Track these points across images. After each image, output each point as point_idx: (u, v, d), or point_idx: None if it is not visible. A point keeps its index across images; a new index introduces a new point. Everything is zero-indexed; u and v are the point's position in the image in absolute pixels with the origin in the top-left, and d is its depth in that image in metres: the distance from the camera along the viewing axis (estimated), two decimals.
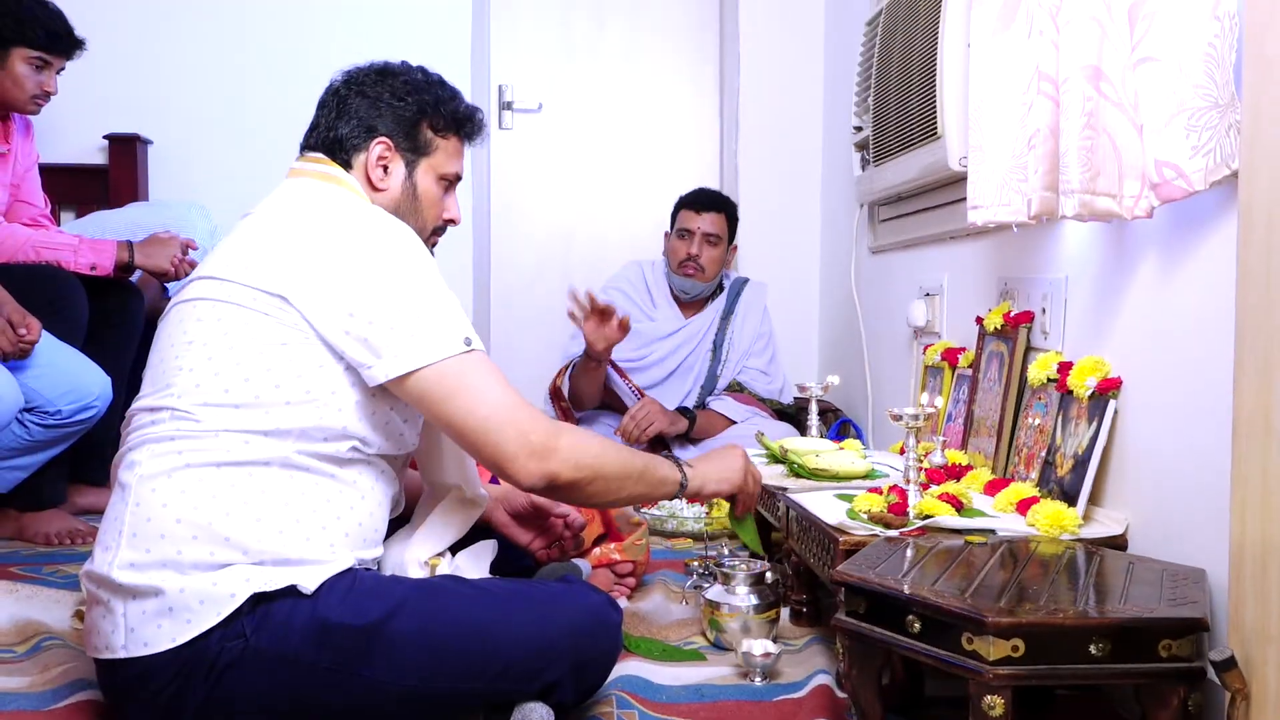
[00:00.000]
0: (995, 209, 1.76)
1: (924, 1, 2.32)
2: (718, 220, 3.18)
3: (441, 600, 1.34)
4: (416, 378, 1.33)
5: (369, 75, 1.55)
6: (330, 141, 1.52)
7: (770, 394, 3.21)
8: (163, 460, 1.30)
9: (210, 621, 1.25)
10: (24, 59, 2.51)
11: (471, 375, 1.35)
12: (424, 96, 1.55)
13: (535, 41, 3.72)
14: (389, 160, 1.53)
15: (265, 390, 1.32)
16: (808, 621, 1.87)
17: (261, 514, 1.29)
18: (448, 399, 1.34)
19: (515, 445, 1.34)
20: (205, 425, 1.31)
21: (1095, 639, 1.20)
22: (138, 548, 1.27)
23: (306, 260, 1.35)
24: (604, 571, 2.02)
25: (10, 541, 2.44)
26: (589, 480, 1.41)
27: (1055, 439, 1.73)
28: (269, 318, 1.33)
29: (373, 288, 1.34)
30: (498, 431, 1.34)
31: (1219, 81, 1.32)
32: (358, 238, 1.38)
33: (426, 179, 1.56)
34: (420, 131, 1.55)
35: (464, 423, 1.35)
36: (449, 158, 1.58)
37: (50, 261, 2.50)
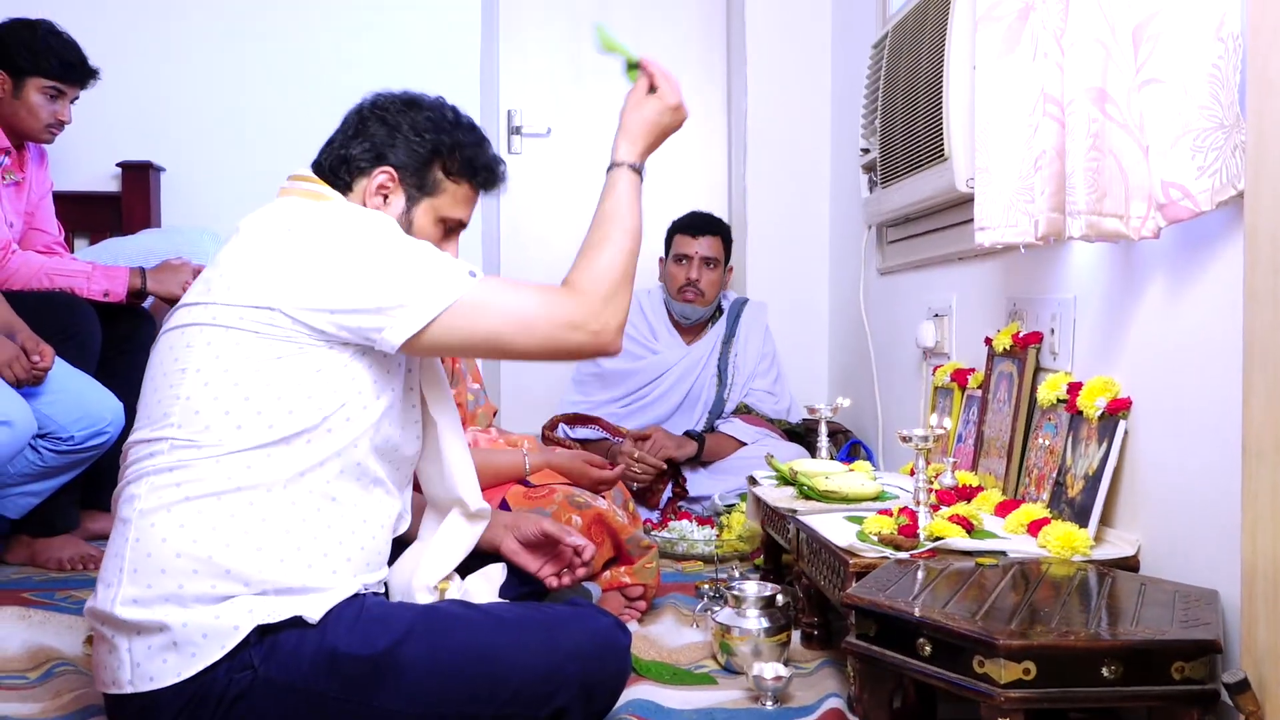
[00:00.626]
0: (1003, 230, 1.76)
1: (929, 25, 2.33)
2: (714, 243, 3.17)
3: (449, 627, 1.34)
4: (440, 325, 1.33)
5: (395, 103, 1.54)
6: (338, 160, 1.52)
7: (778, 414, 3.20)
8: (161, 493, 1.29)
9: (215, 655, 1.25)
10: (39, 88, 2.54)
11: (500, 294, 1.39)
12: (443, 136, 1.53)
13: (544, 66, 3.74)
14: (390, 191, 1.52)
15: (267, 404, 1.31)
16: (819, 644, 1.87)
17: (262, 543, 1.29)
18: (487, 331, 1.37)
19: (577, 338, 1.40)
20: (207, 450, 1.30)
21: (1107, 661, 1.20)
22: (139, 583, 1.27)
23: (286, 263, 1.34)
24: (614, 594, 2.02)
25: (23, 567, 2.45)
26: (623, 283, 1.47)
27: (1066, 460, 1.73)
28: (259, 335, 1.32)
29: (359, 260, 1.34)
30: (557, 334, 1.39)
31: (1224, 102, 1.32)
32: (329, 224, 1.38)
33: (425, 218, 1.54)
34: (430, 170, 1.53)
35: (517, 342, 1.38)
36: (455, 203, 1.56)
37: (64, 288, 2.52)
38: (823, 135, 3.73)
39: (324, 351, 1.34)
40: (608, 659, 1.39)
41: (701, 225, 3.19)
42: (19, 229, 2.64)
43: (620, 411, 3.15)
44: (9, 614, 1.94)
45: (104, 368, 2.48)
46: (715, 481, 2.96)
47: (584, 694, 1.35)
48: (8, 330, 2.21)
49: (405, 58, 3.53)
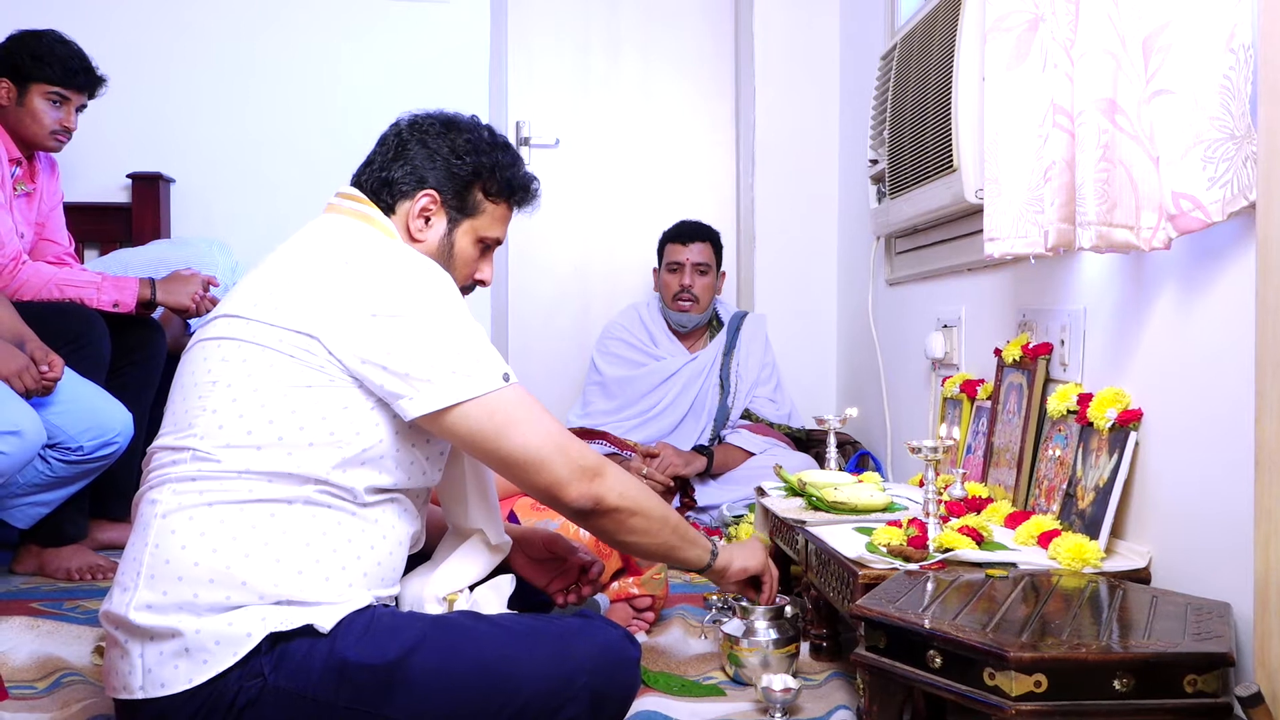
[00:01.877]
0: (1012, 241, 1.76)
1: (938, 36, 2.33)
2: (705, 249, 3.23)
3: (459, 637, 1.34)
4: (458, 413, 1.34)
5: (434, 125, 1.54)
6: (380, 182, 1.52)
7: (780, 419, 3.22)
8: (183, 500, 1.30)
9: (227, 662, 1.25)
10: (42, 94, 2.56)
11: (518, 409, 1.37)
12: (483, 159, 1.54)
13: (552, 78, 3.75)
14: (432, 213, 1.52)
15: (289, 432, 1.31)
16: (828, 656, 1.86)
17: (281, 554, 1.29)
18: (499, 433, 1.36)
19: (567, 470, 1.38)
20: (227, 466, 1.31)
21: (1119, 674, 1.19)
22: (155, 589, 1.27)
23: (336, 297, 1.34)
24: (622, 606, 2.02)
25: (31, 577, 2.46)
26: (631, 512, 1.44)
27: (1076, 471, 1.72)
28: (294, 359, 1.32)
29: (407, 322, 1.34)
30: (550, 460, 1.38)
31: (1235, 113, 1.32)
32: (390, 273, 1.37)
33: (465, 239, 1.55)
34: (471, 193, 1.54)
35: (518, 454, 1.37)
36: (494, 222, 1.58)
37: (74, 299, 2.53)
38: (831, 146, 3.73)
39: (353, 391, 1.34)
40: (618, 671, 1.38)
41: (691, 233, 3.24)
42: (29, 240, 2.65)
43: (627, 424, 3.15)
44: (17, 624, 1.94)
45: (113, 378, 2.49)
46: (724, 492, 2.96)
47: (594, 706, 1.35)
48: (17, 340, 2.21)
49: (415, 70, 3.54)
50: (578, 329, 3.71)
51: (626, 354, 3.27)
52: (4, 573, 2.48)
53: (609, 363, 3.27)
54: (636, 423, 3.16)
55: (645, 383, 3.21)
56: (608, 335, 3.32)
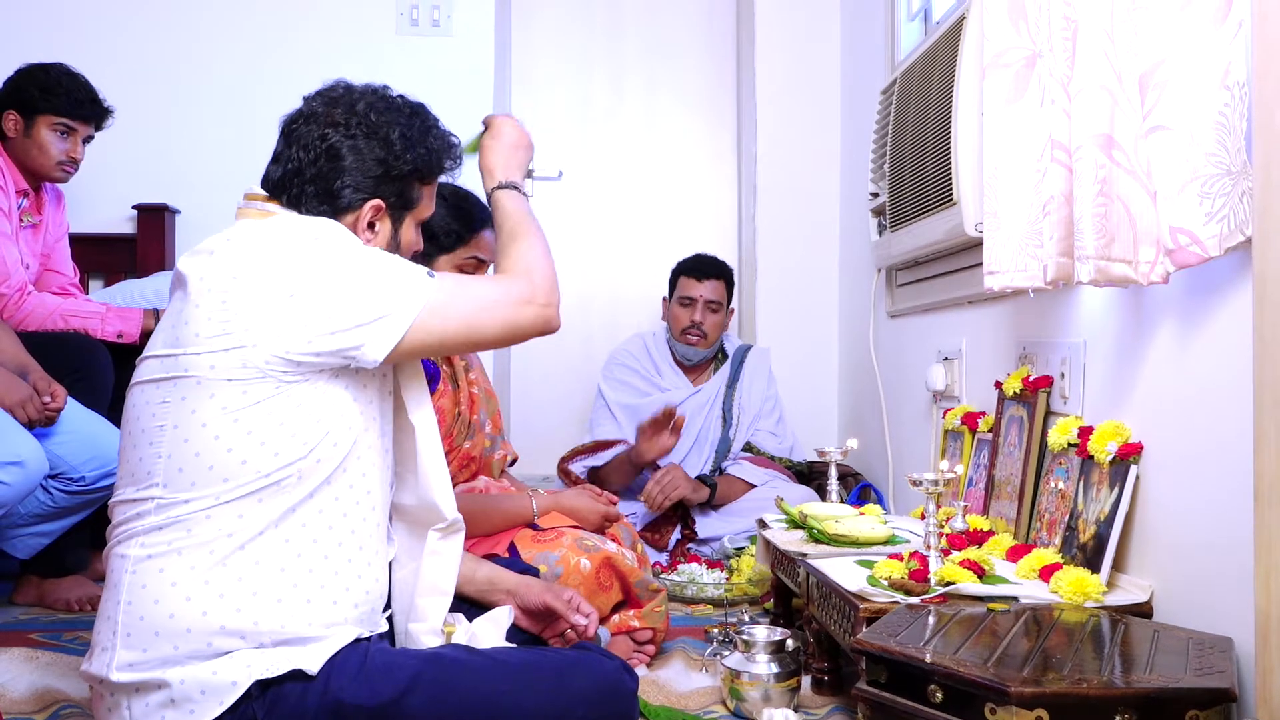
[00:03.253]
0: (1012, 274, 1.77)
1: (938, 71, 2.35)
2: (718, 287, 3.22)
3: (455, 674, 1.32)
4: (417, 329, 1.35)
5: (360, 126, 1.47)
6: (319, 194, 1.45)
7: (781, 452, 3.21)
8: (152, 551, 1.28)
9: (214, 711, 1.24)
10: (49, 125, 2.59)
11: (454, 293, 1.40)
12: (419, 150, 1.50)
13: (555, 110, 3.78)
14: (378, 219, 1.49)
15: (251, 452, 1.29)
16: (829, 690, 1.85)
17: (258, 587, 1.28)
18: (458, 323, 1.39)
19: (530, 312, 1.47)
20: (195, 505, 1.28)
21: (1121, 709, 1.18)
22: (134, 648, 1.26)
23: (252, 299, 1.30)
24: (623, 638, 2.01)
25: (31, 608, 2.45)
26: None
27: (1077, 504, 1.72)
28: (232, 383, 1.29)
29: (326, 283, 1.31)
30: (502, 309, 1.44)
31: (1231, 149, 1.33)
32: (284, 250, 1.34)
33: (409, 230, 1.55)
34: (411, 187, 1.52)
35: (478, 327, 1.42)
36: (429, 202, 1.57)
37: (78, 329, 2.54)
38: (832, 179, 3.75)
39: (301, 386, 1.32)
40: (615, 704, 1.38)
41: (706, 269, 3.23)
42: (35, 270, 2.66)
43: None
44: (16, 655, 1.93)
45: (116, 409, 2.46)
46: (725, 524, 2.95)
47: None
48: (21, 370, 2.22)
49: None
50: (581, 360, 3.71)
51: (632, 381, 3.27)
52: (4, 603, 2.47)
53: (615, 389, 3.27)
54: None
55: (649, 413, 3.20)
56: (614, 362, 3.32)
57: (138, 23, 3.51)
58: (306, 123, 1.48)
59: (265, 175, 1.50)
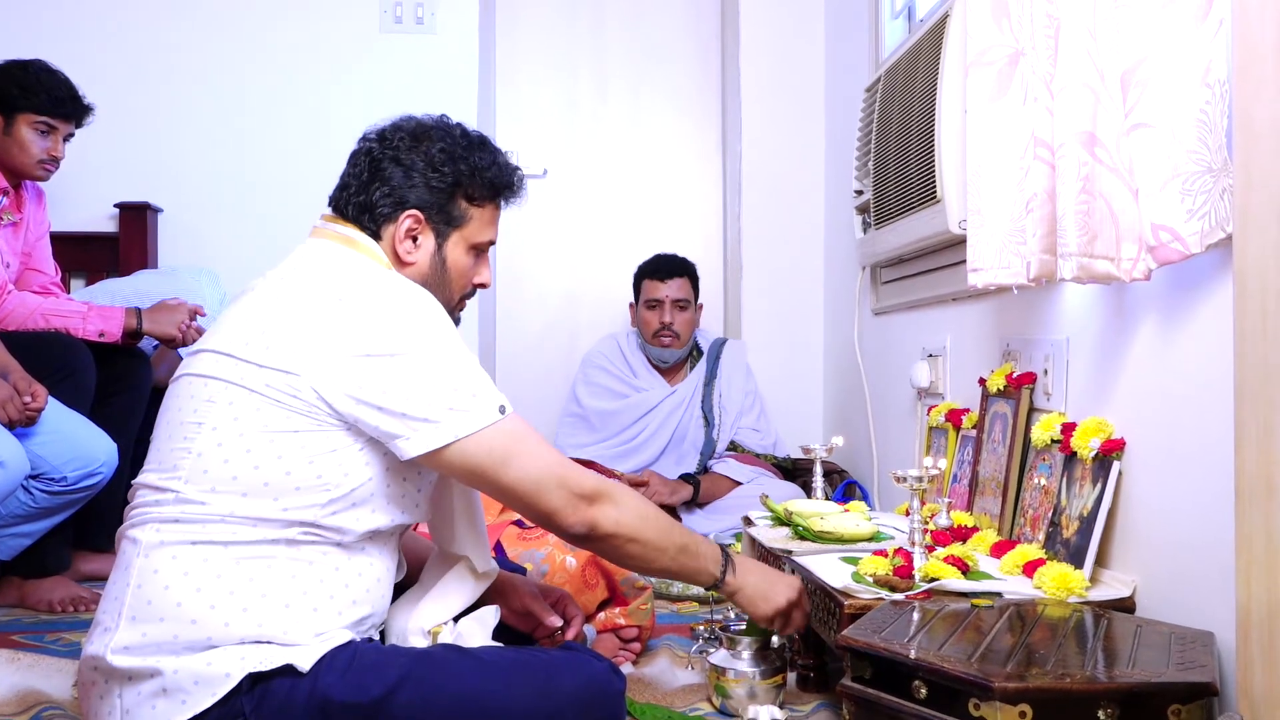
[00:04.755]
0: (995, 271, 1.78)
1: (921, 69, 2.36)
2: (683, 285, 3.21)
3: (443, 674, 1.32)
4: (455, 449, 1.32)
5: (404, 139, 1.48)
6: (359, 207, 1.47)
7: (764, 449, 3.21)
8: (166, 538, 1.29)
9: (205, 703, 1.24)
10: (29, 124, 2.56)
11: (515, 441, 1.36)
12: (460, 166, 1.48)
13: (540, 108, 3.78)
14: (418, 232, 1.48)
15: (275, 477, 1.30)
16: (814, 687, 1.85)
17: (267, 589, 1.28)
18: (497, 467, 1.35)
19: (562, 498, 1.38)
20: (211, 510, 1.29)
21: (1104, 704, 1.19)
22: (135, 630, 1.26)
23: (327, 337, 1.31)
24: (609, 636, 2.01)
25: (12, 609, 2.43)
26: (628, 539, 1.43)
27: (1060, 500, 1.73)
28: (280, 405, 1.30)
29: (401, 361, 1.31)
30: (547, 489, 1.38)
31: (1212, 146, 1.34)
32: (381, 310, 1.34)
33: (457, 251, 1.51)
34: (455, 203, 1.49)
35: (515, 486, 1.36)
36: (483, 226, 1.53)
37: (59, 328, 2.52)
38: (816, 177, 3.76)
39: (341, 434, 1.32)
40: (602, 705, 1.37)
41: (669, 268, 3.22)
42: (15, 269, 2.64)
43: (609, 454, 3.15)
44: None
45: (98, 408, 2.47)
46: (710, 521, 2.95)
47: None
48: (1, 370, 2.21)
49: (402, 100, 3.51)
50: (565, 357, 3.71)
51: (608, 384, 3.27)
52: None
53: (591, 393, 3.26)
54: (618, 453, 3.16)
55: (626, 416, 3.21)
56: (589, 365, 3.32)
57: (119, 19, 3.49)
58: (361, 141, 1.52)
59: (330, 195, 1.53)
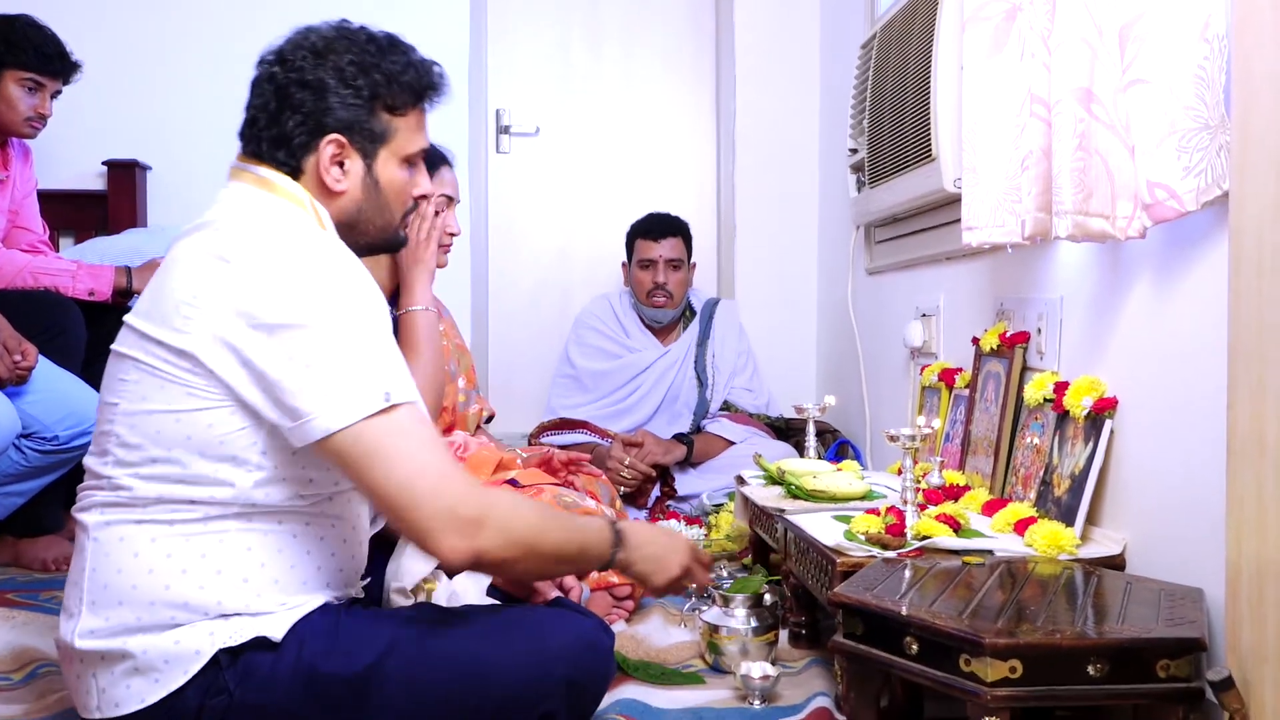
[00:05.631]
0: (990, 230, 1.77)
1: (917, 25, 2.33)
2: (677, 244, 3.19)
3: (431, 638, 1.30)
4: (332, 442, 1.20)
5: (307, 57, 1.34)
6: (272, 141, 1.34)
7: (758, 409, 3.22)
8: (110, 519, 1.26)
9: (179, 680, 1.22)
10: (16, 80, 2.53)
11: (391, 437, 1.20)
12: (375, 75, 1.35)
13: (532, 66, 3.74)
14: (343, 157, 1.36)
15: (191, 460, 1.23)
16: (806, 643, 1.87)
17: (222, 565, 1.24)
18: (364, 463, 1.20)
19: (440, 518, 1.20)
20: (141, 494, 1.25)
21: (1093, 660, 1.20)
22: (98, 615, 1.24)
23: (210, 303, 1.22)
24: (602, 594, 2.02)
25: (7, 568, 2.44)
26: (519, 558, 1.28)
27: (1052, 459, 1.73)
28: (179, 383, 1.23)
29: (283, 343, 1.21)
30: (421, 502, 1.20)
31: (1209, 103, 1.33)
32: (265, 274, 1.23)
33: (389, 168, 1.39)
34: (376, 117, 1.36)
35: (382, 489, 1.20)
36: (411, 135, 1.40)
37: (48, 287, 2.50)
38: (811, 135, 3.74)
39: (247, 413, 1.24)
40: (593, 661, 1.37)
41: (662, 228, 3.20)
42: (3, 228, 2.62)
43: (601, 414, 3.15)
44: None
45: (89, 367, 2.46)
46: (704, 481, 2.96)
47: (571, 696, 1.33)
48: None
49: None
50: (559, 316, 3.70)
51: (601, 344, 3.26)
52: None
53: (584, 354, 3.26)
54: (610, 413, 3.16)
55: (619, 376, 3.20)
56: (581, 325, 3.31)
57: None
58: (258, 66, 1.38)
59: (239, 129, 1.40)
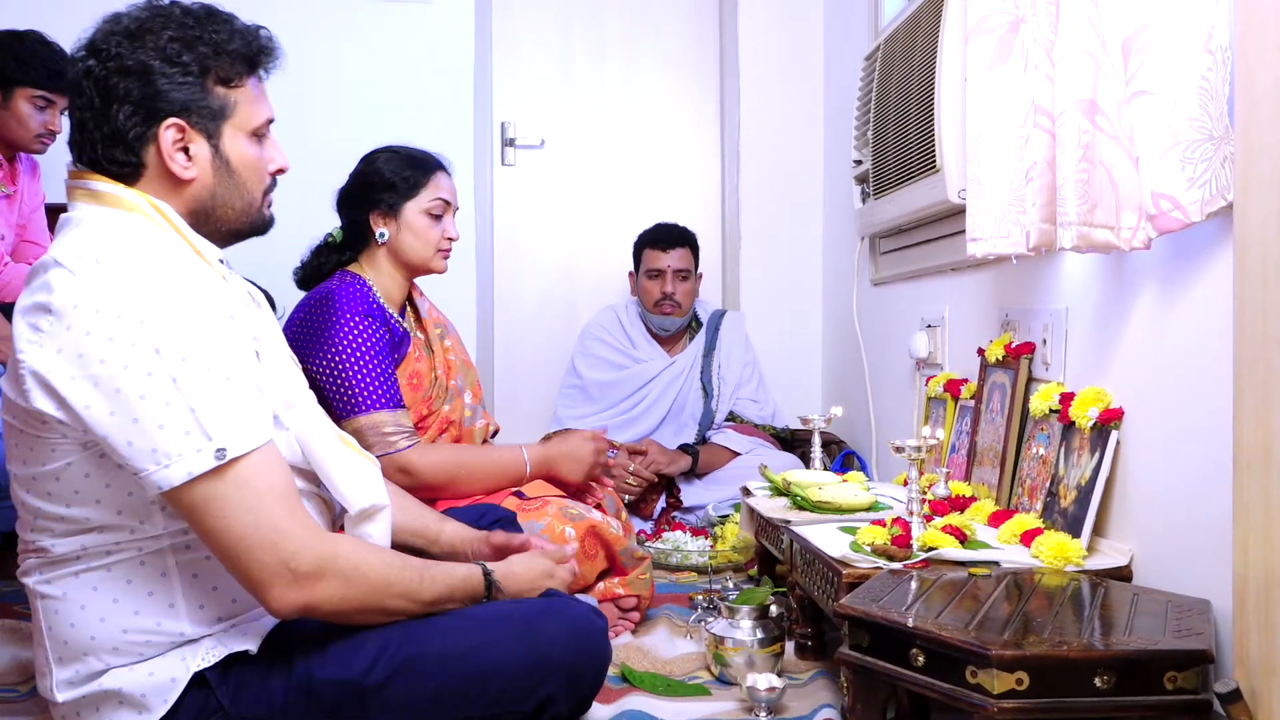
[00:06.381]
0: (994, 241, 1.77)
1: (921, 37, 2.34)
2: (685, 255, 3.21)
3: (423, 636, 1.29)
4: (168, 495, 1.16)
5: (122, 42, 1.25)
6: (108, 140, 1.25)
7: (763, 419, 3.22)
8: (49, 576, 1.24)
9: (161, 710, 1.22)
10: (27, 98, 2.54)
11: (225, 493, 1.15)
12: (201, 49, 1.27)
13: (537, 79, 3.75)
14: (186, 141, 1.27)
15: (92, 511, 1.20)
16: (812, 655, 1.87)
17: (174, 598, 1.23)
18: (197, 517, 1.16)
19: (269, 572, 1.17)
20: (64, 552, 1.22)
21: (1100, 671, 1.20)
22: (67, 669, 1.24)
23: (46, 370, 1.15)
24: (608, 606, 2.02)
25: (14, 580, 2.44)
26: (355, 611, 1.25)
27: (1058, 470, 1.73)
28: (45, 440, 1.19)
29: (109, 397, 1.14)
30: (252, 556, 1.16)
31: (1213, 114, 1.33)
32: (87, 317, 1.15)
33: (237, 144, 1.31)
34: (210, 93, 1.28)
35: (216, 542, 1.17)
36: (253, 107, 1.32)
37: None
38: (815, 146, 3.74)
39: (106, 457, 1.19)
40: (589, 645, 1.36)
41: (671, 238, 3.22)
42: (10, 241, 2.63)
43: (608, 424, 3.15)
44: (0, 627, 1.93)
45: None
46: (709, 492, 2.96)
47: (569, 680, 1.33)
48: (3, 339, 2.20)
49: (399, 70, 3.53)
50: (564, 328, 3.70)
51: (607, 355, 3.27)
52: None
53: (590, 365, 3.27)
54: (616, 423, 3.16)
55: (626, 387, 3.21)
56: (587, 336, 3.32)
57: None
58: (73, 64, 1.28)
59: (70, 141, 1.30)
